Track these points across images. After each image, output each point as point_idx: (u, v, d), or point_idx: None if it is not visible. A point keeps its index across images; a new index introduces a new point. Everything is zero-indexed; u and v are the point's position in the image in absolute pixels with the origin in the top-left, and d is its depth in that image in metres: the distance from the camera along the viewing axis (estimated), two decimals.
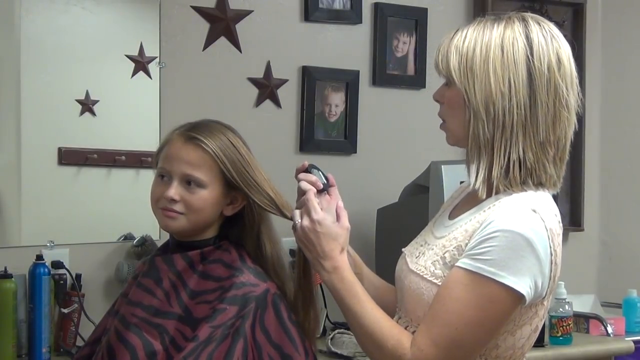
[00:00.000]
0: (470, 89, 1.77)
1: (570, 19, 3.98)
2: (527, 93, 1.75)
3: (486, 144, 1.77)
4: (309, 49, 3.42)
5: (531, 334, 1.82)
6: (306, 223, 1.86)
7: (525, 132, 1.76)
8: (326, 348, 2.91)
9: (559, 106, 1.77)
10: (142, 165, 3.10)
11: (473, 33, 1.79)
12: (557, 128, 1.78)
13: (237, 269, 1.94)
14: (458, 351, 1.73)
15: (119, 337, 1.92)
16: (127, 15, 3.21)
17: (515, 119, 1.75)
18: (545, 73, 1.76)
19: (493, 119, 1.75)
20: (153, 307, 1.93)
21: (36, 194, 3.01)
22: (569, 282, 3.39)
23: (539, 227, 1.74)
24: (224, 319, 1.89)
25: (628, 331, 3.59)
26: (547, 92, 1.76)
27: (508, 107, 1.75)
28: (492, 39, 1.77)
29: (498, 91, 1.75)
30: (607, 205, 4.14)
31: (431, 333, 1.72)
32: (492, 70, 1.75)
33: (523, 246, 1.71)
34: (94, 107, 3.05)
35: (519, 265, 1.70)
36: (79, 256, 2.96)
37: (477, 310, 1.70)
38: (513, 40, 1.77)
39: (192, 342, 1.87)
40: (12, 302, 2.74)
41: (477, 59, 1.77)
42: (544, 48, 1.77)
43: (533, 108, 1.76)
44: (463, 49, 1.78)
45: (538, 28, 1.79)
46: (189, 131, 1.96)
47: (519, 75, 1.75)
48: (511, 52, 1.76)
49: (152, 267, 1.98)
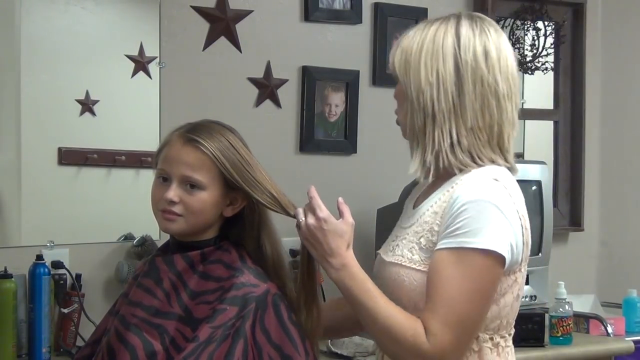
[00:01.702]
0: (407, 82, 1.90)
1: (570, 19, 3.98)
2: (454, 82, 1.87)
3: (419, 132, 1.89)
4: (309, 49, 3.42)
5: (513, 302, 1.89)
6: (311, 221, 1.88)
7: (455, 118, 1.87)
8: (326, 348, 2.91)
9: (486, 94, 1.87)
10: (142, 165, 3.10)
11: (415, 33, 1.93)
12: (485, 115, 1.87)
13: (237, 270, 1.94)
14: (468, 326, 1.80)
15: (119, 337, 1.92)
16: (127, 16, 3.21)
17: (444, 107, 1.87)
18: (470, 63, 1.87)
19: (423, 108, 1.87)
20: (153, 307, 1.93)
21: (36, 194, 3.02)
22: (569, 282, 3.39)
23: (502, 194, 1.82)
24: (224, 320, 1.88)
25: (628, 331, 3.59)
26: (474, 81, 1.87)
27: (436, 96, 1.87)
28: (427, 36, 1.91)
29: (427, 82, 1.87)
30: (607, 205, 4.14)
31: (438, 316, 1.77)
32: (423, 63, 1.88)
33: (492, 211, 1.79)
34: (94, 107, 3.05)
35: (493, 229, 1.78)
36: (79, 256, 2.96)
37: (471, 282, 1.78)
38: (444, 35, 1.90)
39: (192, 343, 1.87)
40: (12, 302, 2.74)
41: (412, 54, 1.90)
42: (471, 40, 1.89)
43: (461, 96, 1.86)
44: (406, 48, 1.92)
45: (469, 23, 1.91)
46: (188, 133, 1.96)
47: (446, 66, 1.87)
48: (440, 45, 1.89)
49: (152, 268, 1.98)
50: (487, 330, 1.86)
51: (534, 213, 3.37)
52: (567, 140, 4.01)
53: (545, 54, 3.88)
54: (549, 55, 3.89)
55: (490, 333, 1.87)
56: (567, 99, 4.01)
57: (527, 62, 3.86)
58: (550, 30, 3.91)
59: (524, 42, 3.86)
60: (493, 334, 1.87)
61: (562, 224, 3.94)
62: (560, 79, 4.00)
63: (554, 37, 3.93)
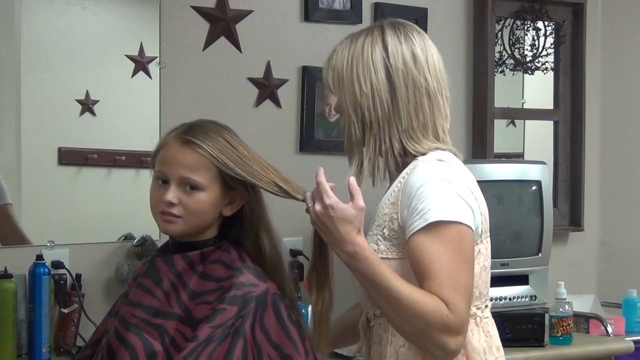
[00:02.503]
0: (343, 97, 2.00)
1: (570, 19, 3.98)
2: (387, 90, 1.96)
3: (358, 142, 1.98)
4: (309, 49, 3.42)
5: (481, 272, 1.97)
6: (318, 208, 1.87)
7: (390, 124, 1.96)
8: None
9: (418, 95, 1.97)
10: (142, 165, 3.09)
11: (343, 49, 2.02)
12: (419, 115, 1.97)
13: (237, 269, 1.94)
14: (469, 291, 1.87)
15: (119, 337, 1.92)
16: (127, 16, 3.22)
17: (380, 115, 1.96)
18: (401, 68, 1.97)
19: (362, 119, 1.97)
20: (153, 307, 1.93)
21: (36, 194, 3.01)
22: (569, 282, 3.39)
23: (449, 171, 1.92)
24: (224, 319, 1.88)
25: (628, 331, 3.59)
26: (406, 85, 1.97)
27: (372, 105, 1.96)
28: (355, 50, 2.00)
29: (362, 93, 1.96)
30: (607, 205, 4.14)
31: (448, 287, 1.82)
32: (355, 76, 1.98)
33: (446, 186, 1.89)
34: (94, 107, 3.05)
35: (452, 202, 1.88)
36: (79, 256, 2.96)
37: (455, 252, 1.85)
38: (371, 47, 1.99)
39: (192, 342, 1.87)
40: (12, 302, 2.74)
41: (344, 69, 2.00)
42: (398, 47, 1.98)
43: (395, 101, 1.96)
44: (336, 65, 2.02)
45: (393, 32, 2.00)
46: (185, 134, 1.96)
47: (378, 76, 1.97)
48: (370, 56, 1.98)
49: (152, 268, 1.98)
50: None
51: (534, 213, 3.37)
52: (567, 140, 4.01)
53: (545, 54, 3.87)
54: (549, 55, 3.89)
55: None
56: (567, 99, 4.01)
57: (527, 62, 3.86)
58: (550, 30, 3.91)
59: (524, 42, 3.86)
60: None
61: (562, 224, 3.94)
62: (560, 79, 3.99)
63: (554, 37, 3.93)
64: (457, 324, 1.82)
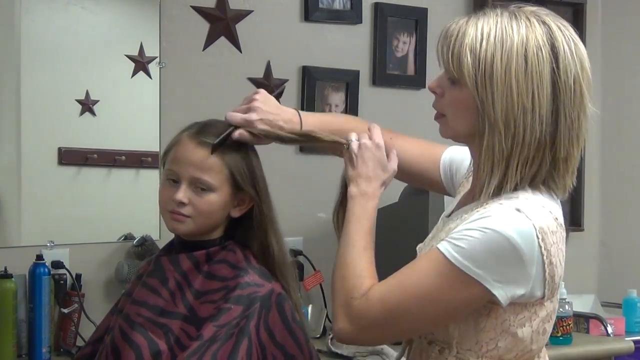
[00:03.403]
0: (488, 100, 1.67)
1: (570, 19, 3.98)
2: (550, 108, 1.67)
3: (501, 159, 1.68)
4: (309, 49, 3.42)
5: (534, 335, 1.74)
6: (367, 141, 1.87)
7: (545, 149, 1.68)
8: (326, 348, 2.91)
9: (582, 118, 1.72)
10: (142, 165, 3.10)
11: (490, 33, 1.68)
12: (580, 141, 1.72)
13: (242, 269, 1.94)
14: (400, 318, 1.70)
15: (124, 336, 1.92)
16: (127, 15, 3.21)
17: (537, 136, 1.66)
18: (571, 85, 1.69)
19: (513, 135, 1.66)
20: (158, 307, 1.93)
21: (36, 194, 3.02)
22: (569, 282, 3.39)
23: (524, 226, 1.65)
24: (229, 319, 1.89)
25: (628, 331, 3.59)
26: (572, 105, 1.70)
27: (530, 123, 1.65)
28: (514, 47, 1.66)
29: (520, 106, 1.65)
30: (607, 205, 4.14)
31: (385, 289, 1.71)
32: (514, 82, 1.65)
33: (506, 250, 1.63)
34: (94, 107, 3.05)
35: (497, 267, 1.64)
36: (79, 256, 2.96)
37: (435, 289, 1.66)
38: (537, 49, 1.67)
39: (196, 341, 1.87)
40: (12, 302, 2.74)
41: (497, 68, 1.66)
42: (569, 58, 1.69)
43: (556, 124, 1.68)
44: (480, 52, 1.67)
45: (561, 35, 1.70)
46: (199, 134, 1.96)
47: (543, 89, 1.66)
48: (535, 63, 1.66)
49: (157, 267, 1.98)
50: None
51: None
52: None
53: None
54: None
55: None
56: None
57: None
58: None
59: None
60: None
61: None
62: None
63: None
64: (356, 313, 1.72)
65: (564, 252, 1.74)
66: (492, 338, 1.72)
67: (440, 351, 1.76)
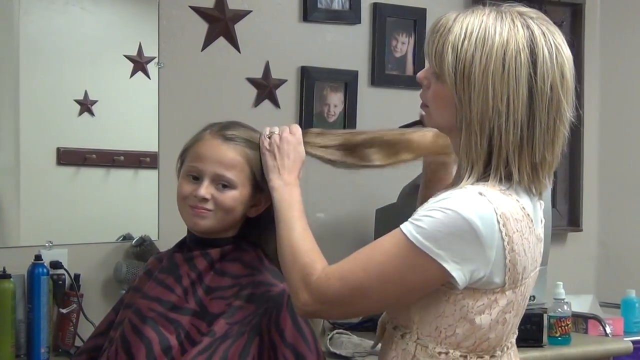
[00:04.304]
0: (465, 99, 1.68)
1: (569, 19, 3.98)
2: (526, 113, 1.67)
3: (478, 158, 1.70)
4: (307, 49, 3.42)
5: (492, 323, 1.74)
6: (288, 135, 1.97)
7: (521, 152, 1.69)
8: (325, 348, 2.91)
9: (559, 124, 1.71)
10: (141, 166, 3.10)
11: (472, 32, 1.69)
12: (556, 147, 1.73)
13: (255, 269, 1.97)
14: (360, 297, 1.72)
15: (135, 330, 1.93)
16: (126, 16, 3.21)
17: (512, 139, 1.67)
18: (547, 92, 1.68)
19: (488, 137, 1.68)
20: (171, 302, 1.96)
21: (35, 194, 3.01)
22: (568, 283, 3.39)
23: (484, 210, 1.65)
24: (241, 317, 1.90)
25: (626, 331, 3.59)
26: (548, 111, 1.69)
27: (504, 126, 1.66)
28: (494, 49, 1.67)
29: (495, 108, 1.66)
30: (605, 205, 4.14)
31: (345, 267, 1.73)
32: (490, 85, 1.66)
33: (465, 231, 1.64)
34: (92, 107, 3.05)
35: (457, 248, 1.65)
36: (77, 256, 2.95)
37: (396, 269, 1.68)
38: (516, 53, 1.66)
39: (208, 337, 1.89)
40: (10, 302, 2.74)
41: (475, 69, 1.67)
42: (548, 65, 1.68)
43: (531, 128, 1.68)
44: (461, 51, 1.69)
45: (543, 41, 1.68)
46: (224, 131, 1.98)
47: (519, 94, 1.66)
48: (513, 67, 1.66)
49: (171, 264, 1.99)
50: (459, 348, 1.74)
51: None
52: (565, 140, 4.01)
53: None
54: None
55: (464, 351, 1.75)
56: None
57: None
58: None
59: None
60: (467, 353, 1.75)
61: (560, 224, 3.94)
62: None
63: None
64: (315, 289, 1.74)
65: (530, 242, 1.74)
66: (451, 324, 1.73)
67: (402, 336, 1.79)
